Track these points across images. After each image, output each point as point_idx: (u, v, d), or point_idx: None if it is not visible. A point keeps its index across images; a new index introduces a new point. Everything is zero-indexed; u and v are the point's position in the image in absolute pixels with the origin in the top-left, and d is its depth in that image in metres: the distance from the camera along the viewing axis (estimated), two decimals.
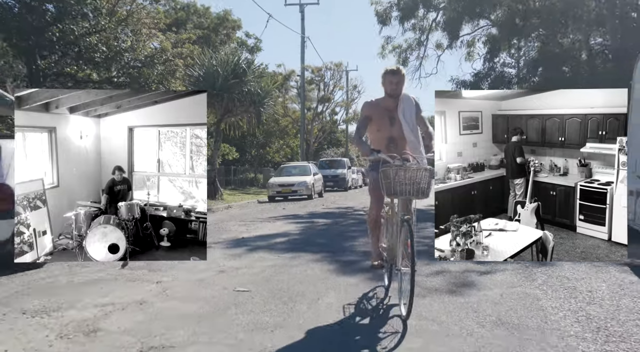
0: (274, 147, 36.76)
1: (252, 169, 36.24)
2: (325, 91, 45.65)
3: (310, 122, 42.03)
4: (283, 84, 35.12)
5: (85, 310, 4.44)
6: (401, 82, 4.50)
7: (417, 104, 4.61)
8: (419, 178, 4.02)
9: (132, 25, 19.91)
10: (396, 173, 4.03)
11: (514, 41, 23.32)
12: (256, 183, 33.48)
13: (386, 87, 4.53)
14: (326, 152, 44.89)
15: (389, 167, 4.09)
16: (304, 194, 20.55)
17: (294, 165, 24.04)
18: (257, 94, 21.53)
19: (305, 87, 34.86)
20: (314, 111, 45.01)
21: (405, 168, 4.05)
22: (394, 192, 4.09)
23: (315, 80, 44.91)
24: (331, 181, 25.16)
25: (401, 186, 4.04)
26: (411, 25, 25.13)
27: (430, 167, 4.16)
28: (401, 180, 4.03)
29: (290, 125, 38.18)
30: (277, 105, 29.70)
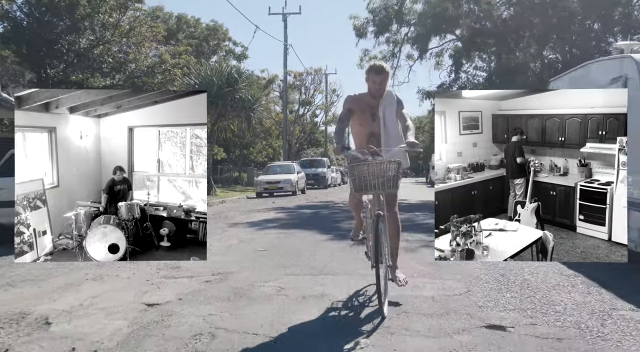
0: (257, 147, 39.09)
1: (237, 168, 37.98)
2: (306, 95, 49.64)
3: (292, 124, 45.14)
4: (266, 88, 37.49)
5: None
6: (385, 81, 4.44)
7: (399, 99, 4.58)
8: (383, 171, 3.98)
9: (134, 37, 22.21)
10: (360, 169, 4.01)
11: (475, 55, 26.85)
12: (241, 181, 35.08)
13: (369, 86, 4.48)
14: (306, 152, 47.74)
15: (355, 164, 4.07)
16: (288, 191, 22.54)
17: (279, 165, 25.94)
18: (248, 100, 24.16)
19: (287, 91, 38.02)
20: (296, 113, 48.34)
21: (369, 163, 4.02)
22: (359, 188, 4.08)
23: (297, 85, 48.58)
24: (312, 179, 27.08)
25: (366, 181, 4.01)
26: (385, 39, 28.10)
27: (398, 160, 4.08)
28: (365, 175, 4.00)
29: (273, 127, 40.57)
30: (265, 111, 32.95)
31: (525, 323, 3.71)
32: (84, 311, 4.22)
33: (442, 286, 4.86)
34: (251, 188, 27.61)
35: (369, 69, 4.46)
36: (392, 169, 4.01)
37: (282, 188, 22.54)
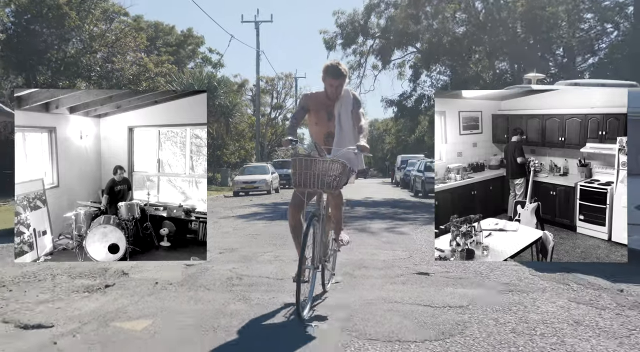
0: (230, 149, 40.64)
1: (210, 169, 39.30)
2: (278, 99, 52.80)
3: (264, 127, 47.79)
4: (239, 92, 39.32)
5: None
6: (342, 85, 4.28)
7: (356, 98, 4.44)
8: (325, 169, 3.86)
9: (118, 47, 24.46)
10: (303, 164, 3.89)
11: (433, 67, 30.42)
12: (215, 181, 35.88)
13: (326, 88, 4.32)
14: (276, 153, 49.35)
15: (297, 158, 3.94)
16: (263, 190, 24.19)
17: (255, 166, 27.65)
18: (226, 106, 27.29)
19: (260, 95, 40.60)
20: (268, 117, 51.22)
21: (312, 159, 3.90)
22: (299, 184, 3.94)
23: (269, 89, 51.23)
24: (284, 180, 28.92)
25: (307, 177, 3.88)
26: (352, 50, 31.39)
27: (342, 160, 3.95)
28: (307, 171, 3.87)
29: (246, 129, 42.26)
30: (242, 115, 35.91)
31: (441, 272, 5.45)
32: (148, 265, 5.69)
33: (392, 254, 6.55)
34: (225, 188, 29.13)
35: (326, 70, 4.26)
36: (335, 169, 3.89)
37: (258, 187, 24.05)
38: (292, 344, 3.31)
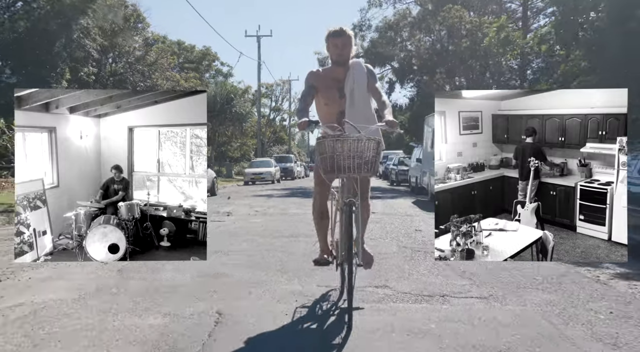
0: (234, 146, 46.71)
1: (217, 163, 43.93)
2: (276, 102, 62.31)
3: (264, 126, 55.01)
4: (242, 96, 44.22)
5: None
6: (347, 44, 3.80)
7: (371, 71, 3.95)
8: (360, 150, 3.27)
9: (156, 67, 31.20)
10: (333, 146, 3.30)
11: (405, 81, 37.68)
12: (221, 174, 40.12)
13: (331, 53, 3.85)
14: (273, 149, 56.65)
15: (326, 139, 3.35)
16: (269, 180, 30.07)
17: (261, 160, 34.14)
18: (241, 113, 36.13)
19: (260, 99, 48.42)
20: (267, 118, 59.22)
21: (344, 139, 3.29)
22: (330, 170, 3.36)
23: (268, 94, 60.06)
24: (282, 172, 34.10)
25: (339, 161, 3.28)
26: None
27: (378, 138, 3.40)
28: (339, 154, 3.28)
29: (249, 129, 48.14)
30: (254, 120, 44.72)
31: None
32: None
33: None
34: (232, 180, 35.12)
35: (327, 35, 3.82)
36: (371, 149, 3.33)
37: (264, 178, 29.98)
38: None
